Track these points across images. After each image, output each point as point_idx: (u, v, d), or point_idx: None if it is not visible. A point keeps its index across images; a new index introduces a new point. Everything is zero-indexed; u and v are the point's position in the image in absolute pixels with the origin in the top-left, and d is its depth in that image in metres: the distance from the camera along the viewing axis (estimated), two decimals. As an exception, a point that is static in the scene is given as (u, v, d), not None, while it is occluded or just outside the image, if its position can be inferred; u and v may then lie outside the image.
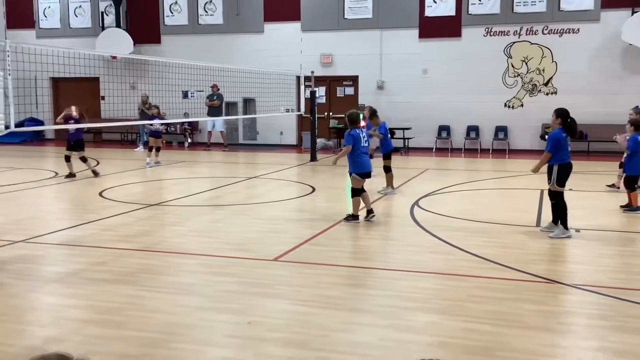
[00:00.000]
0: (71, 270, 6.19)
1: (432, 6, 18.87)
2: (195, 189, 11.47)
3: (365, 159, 8.45)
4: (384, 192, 10.79)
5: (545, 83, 18.33)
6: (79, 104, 21.47)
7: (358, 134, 8.38)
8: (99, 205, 9.67)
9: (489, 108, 18.64)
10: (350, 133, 8.40)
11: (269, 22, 20.29)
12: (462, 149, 18.92)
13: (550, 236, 7.56)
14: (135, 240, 7.36)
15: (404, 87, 19.23)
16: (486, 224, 8.30)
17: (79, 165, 12.93)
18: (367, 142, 8.53)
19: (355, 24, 19.53)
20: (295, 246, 7.05)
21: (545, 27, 18.09)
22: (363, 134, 8.48)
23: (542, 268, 6.27)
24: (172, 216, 8.99)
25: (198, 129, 21.36)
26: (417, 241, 7.43)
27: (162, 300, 5.24)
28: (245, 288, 5.56)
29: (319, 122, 17.53)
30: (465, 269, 6.17)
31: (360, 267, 6.31)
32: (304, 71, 18.11)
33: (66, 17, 22.32)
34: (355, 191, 8.44)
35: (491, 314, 4.88)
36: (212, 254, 6.73)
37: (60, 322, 4.82)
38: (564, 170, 7.53)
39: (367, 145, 8.54)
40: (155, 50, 20.85)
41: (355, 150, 8.37)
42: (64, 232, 7.87)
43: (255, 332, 4.54)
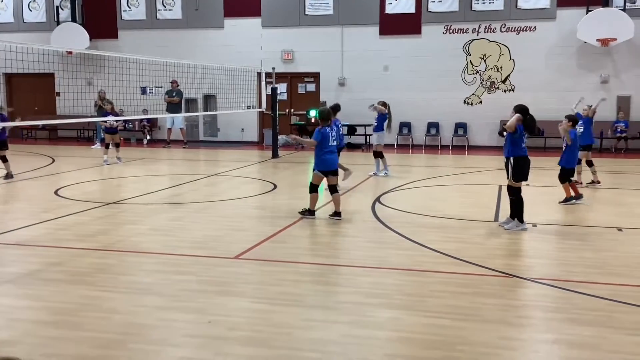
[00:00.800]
0: (25, 270, 6.02)
1: (392, 3, 18.99)
2: (154, 186, 11.29)
3: (331, 157, 8.44)
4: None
5: (503, 80, 18.64)
6: (33, 100, 20.93)
7: (327, 133, 8.36)
8: (55, 204, 9.44)
9: (449, 105, 18.87)
10: (320, 130, 8.39)
11: (229, 18, 20.11)
12: (423, 145, 19.10)
13: (505, 228, 7.71)
14: (92, 240, 7.20)
15: (365, 84, 19.30)
16: (446, 220, 8.39)
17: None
18: (335, 141, 8.52)
19: (316, 21, 19.51)
20: (256, 244, 7.01)
21: (503, 25, 18.39)
22: (333, 132, 8.46)
23: (501, 262, 6.37)
24: (130, 215, 8.84)
25: (157, 126, 21.06)
26: (379, 237, 7.46)
27: (119, 301, 5.14)
28: (205, 287, 5.49)
29: (280, 119, 17.46)
30: (425, 264, 6.22)
31: (322, 264, 6.30)
32: (265, 67, 18.02)
33: (20, 11, 21.72)
34: (313, 187, 8.48)
35: (451, 309, 4.93)
36: (172, 253, 6.64)
37: (14, 324, 4.68)
38: (520, 163, 7.66)
39: (335, 144, 8.52)
40: (112, 46, 20.44)
41: (322, 147, 8.36)
42: (17, 231, 7.64)
43: (216, 331, 4.49)
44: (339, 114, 11.57)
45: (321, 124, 8.46)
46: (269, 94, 17.00)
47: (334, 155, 8.56)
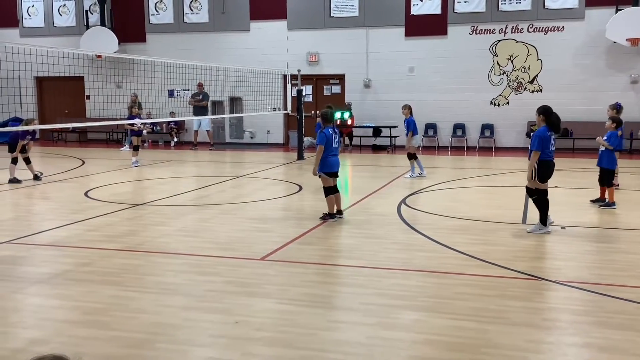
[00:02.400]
0: (56, 271, 6.14)
1: (418, 4, 18.93)
2: (181, 188, 11.42)
3: (334, 159, 8.44)
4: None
5: (530, 81, 18.44)
6: (63, 103, 21.37)
7: (330, 134, 8.36)
8: (85, 206, 9.60)
9: (475, 106, 18.74)
10: (323, 132, 8.38)
11: (255, 21, 20.24)
12: (449, 147, 18.99)
13: (528, 231, 7.63)
14: (120, 241, 7.31)
15: (390, 86, 19.26)
16: (472, 222, 8.33)
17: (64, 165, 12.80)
18: (337, 143, 8.53)
19: (341, 22, 19.54)
20: (281, 245, 7.04)
21: (531, 25, 18.20)
22: (336, 134, 8.48)
23: (527, 265, 6.31)
24: (158, 216, 8.95)
25: (184, 128, 21.27)
26: (404, 239, 7.44)
27: (147, 301, 5.21)
28: (231, 287, 5.54)
29: (305, 121, 17.52)
30: (451, 266, 6.20)
31: (346, 265, 6.31)
32: (291, 70, 18.09)
33: (50, 15, 22.13)
34: (327, 190, 8.46)
35: (476, 311, 4.90)
36: (198, 254, 6.71)
37: (45, 323, 4.78)
38: (544, 167, 7.58)
39: (337, 146, 8.52)
40: (140, 49, 20.73)
41: (328, 149, 8.35)
42: (49, 232, 7.80)
43: (242, 332, 4.53)
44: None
45: (324, 125, 8.42)
46: (295, 96, 17.07)
47: (337, 157, 8.55)
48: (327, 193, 8.45)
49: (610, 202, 9.25)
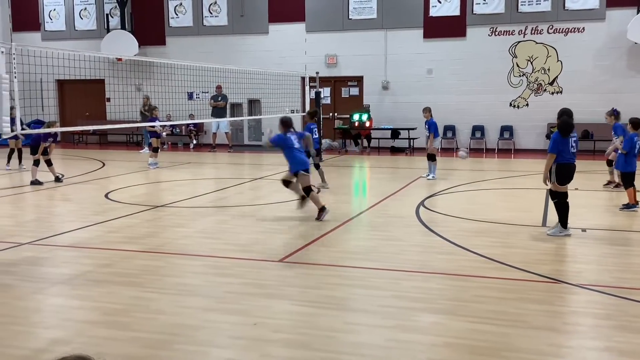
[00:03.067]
0: (77, 271, 6.21)
1: (436, 6, 18.87)
2: (200, 190, 11.49)
3: (301, 157, 8.80)
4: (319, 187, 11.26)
5: (550, 82, 18.29)
6: (84, 106, 21.63)
7: (289, 138, 8.82)
8: (105, 207, 9.70)
9: (494, 108, 18.63)
10: (278, 135, 8.97)
11: (273, 23, 20.32)
12: (468, 148, 18.87)
13: (548, 233, 7.57)
14: (140, 242, 7.38)
15: (408, 87, 19.22)
16: (491, 224, 8.28)
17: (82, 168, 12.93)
18: (299, 143, 8.92)
19: (359, 25, 19.53)
20: (300, 247, 7.06)
21: (551, 27, 18.05)
22: (293, 136, 8.89)
23: (547, 268, 6.25)
24: (177, 217, 9.01)
25: (203, 131, 21.40)
26: (423, 241, 7.42)
27: (167, 302, 5.26)
28: (250, 289, 5.57)
29: (323, 123, 17.54)
30: (470, 269, 6.17)
31: (365, 267, 6.31)
32: (309, 72, 18.13)
33: (71, 19, 22.41)
34: (305, 189, 8.72)
35: (496, 314, 4.88)
36: (217, 255, 6.75)
37: (66, 323, 4.84)
38: (563, 170, 7.51)
39: (299, 145, 8.91)
40: (160, 52, 20.91)
41: (291, 149, 8.73)
42: (70, 234, 7.89)
43: (260, 333, 4.55)
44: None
45: (282, 129, 8.95)
46: (313, 98, 17.10)
47: (304, 155, 8.92)
48: (307, 192, 8.70)
49: (631, 204, 9.14)
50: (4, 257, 6.68)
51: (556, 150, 7.45)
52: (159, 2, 21.31)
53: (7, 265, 6.38)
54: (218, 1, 20.85)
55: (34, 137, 12.35)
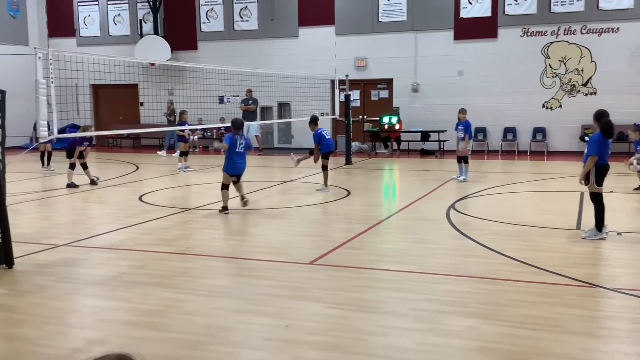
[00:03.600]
0: (112, 273, 6.32)
1: (467, 7, 18.73)
2: (230, 193, 11.57)
3: (238, 162, 9.42)
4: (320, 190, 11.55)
5: (584, 83, 18.00)
6: (118, 110, 21.98)
7: (235, 140, 9.32)
8: (139, 210, 9.85)
9: (527, 109, 18.40)
10: (228, 135, 9.58)
11: (303, 27, 20.40)
12: (499, 151, 18.70)
13: (583, 236, 7.45)
14: (173, 244, 7.48)
15: (439, 89, 19.10)
16: (524, 227, 8.19)
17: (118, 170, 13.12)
18: (242, 149, 9.44)
19: (389, 27, 19.49)
20: (330, 250, 7.07)
21: (584, 27, 17.77)
22: (241, 141, 9.39)
23: (582, 272, 6.16)
24: (209, 220, 9.11)
25: (234, 134, 21.53)
26: (454, 244, 7.37)
27: (200, 303, 5.32)
28: (281, 291, 5.60)
29: (353, 126, 17.54)
30: (503, 272, 6.10)
31: (396, 270, 6.29)
32: (339, 75, 18.15)
33: (105, 25, 22.81)
34: (223, 185, 9.46)
35: (530, 319, 4.82)
36: (248, 257, 6.80)
37: (102, 324, 4.93)
38: (603, 171, 7.40)
39: (242, 151, 9.43)
40: (191, 57, 21.15)
41: (231, 152, 9.33)
42: (105, 236, 8.04)
43: (292, 335, 4.57)
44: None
45: (233, 131, 9.42)
46: (342, 101, 17.11)
47: (243, 160, 9.51)
48: (222, 187, 9.46)
49: None
50: (41, 259, 6.83)
51: (599, 152, 7.32)
52: (191, 7, 21.58)
53: (44, 267, 6.52)
54: (249, 6, 21.02)
55: (69, 141, 12.60)
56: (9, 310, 5.23)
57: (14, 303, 5.42)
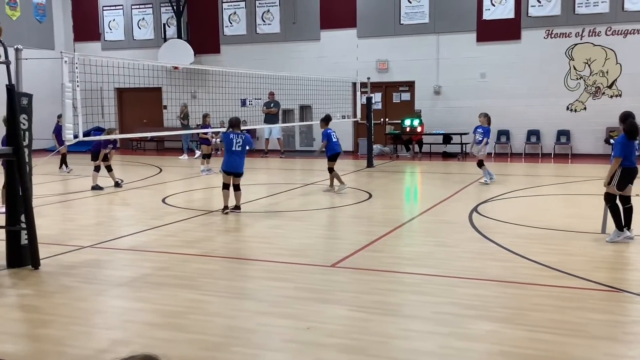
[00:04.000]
0: (137, 274, 6.40)
1: (490, 9, 18.61)
2: (252, 195, 11.64)
3: (234, 160, 9.54)
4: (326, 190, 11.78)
5: (609, 85, 17.77)
6: (142, 113, 22.20)
7: (231, 139, 9.48)
8: (162, 212, 9.95)
9: (551, 112, 18.21)
10: (224, 133, 9.74)
11: (325, 30, 20.43)
12: (522, 153, 18.53)
13: (607, 240, 7.36)
14: (196, 246, 7.54)
15: (461, 92, 19.00)
16: (548, 231, 8.10)
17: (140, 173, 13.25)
18: (240, 147, 9.54)
19: (411, 29, 19.44)
20: (352, 252, 7.07)
21: (609, 28, 17.55)
22: (237, 140, 9.50)
23: (608, 276, 6.08)
24: (231, 222, 9.16)
25: (256, 137, 21.66)
26: (477, 248, 7.32)
27: (222, 305, 5.36)
28: (303, 293, 5.61)
29: (375, 128, 17.52)
30: (526, 276, 6.05)
31: (418, 273, 6.27)
32: (360, 77, 18.14)
33: (130, 29, 23.08)
34: (223, 185, 9.64)
35: (554, 323, 4.77)
36: (270, 260, 6.83)
37: (127, 325, 4.99)
38: (628, 173, 7.31)
39: (239, 149, 9.54)
40: (214, 60, 21.30)
41: (227, 150, 9.55)
42: (129, 237, 8.13)
43: (314, 338, 4.58)
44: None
45: (228, 129, 9.62)
46: (364, 104, 17.10)
47: (239, 159, 9.60)
48: (223, 187, 9.64)
49: None
50: (66, 260, 6.94)
51: (623, 154, 7.25)
52: (213, 11, 21.74)
53: (70, 268, 6.62)
54: (271, 9, 21.12)
55: (94, 143, 12.76)
56: (35, 311, 5.32)
57: (40, 304, 5.51)
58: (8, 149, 6.51)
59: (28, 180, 6.57)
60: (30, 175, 6.76)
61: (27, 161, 6.59)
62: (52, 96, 19.52)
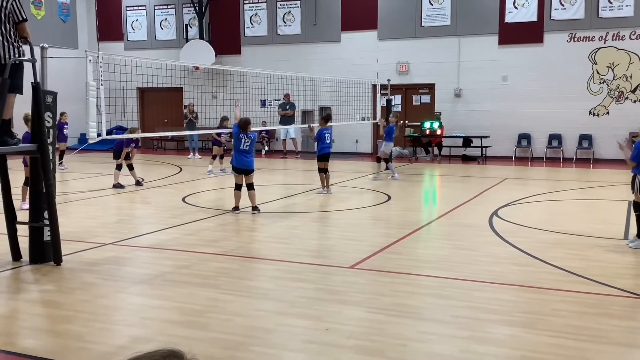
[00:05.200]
0: (157, 272, 6.45)
1: (512, 12, 18.48)
2: (270, 196, 11.67)
3: (242, 158, 9.60)
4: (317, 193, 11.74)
5: (632, 90, 17.56)
6: (163, 113, 22.37)
7: (240, 139, 9.57)
8: (182, 211, 10.01)
9: (573, 116, 18.04)
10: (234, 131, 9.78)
11: (345, 32, 20.44)
12: (544, 157, 18.38)
13: (630, 246, 7.27)
14: (216, 245, 7.58)
15: (482, 95, 18.89)
16: (569, 236, 8.03)
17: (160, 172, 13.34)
18: (248, 146, 9.63)
19: (432, 32, 19.38)
20: (371, 254, 7.07)
21: (633, 32, 17.34)
22: (245, 140, 9.58)
23: (630, 282, 6.01)
24: (250, 222, 9.20)
25: (275, 137, 21.74)
26: (497, 252, 7.27)
27: (242, 304, 5.38)
28: (321, 294, 5.62)
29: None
30: (547, 281, 6.00)
31: (437, 276, 6.24)
32: (380, 79, 18.12)
33: (152, 29, 23.28)
34: (235, 185, 9.77)
35: (575, 329, 4.73)
36: (289, 260, 6.84)
37: (147, 322, 5.03)
38: None
39: (247, 148, 9.61)
40: (235, 61, 21.40)
41: (236, 148, 9.66)
42: (149, 235, 8.20)
43: (333, 339, 4.58)
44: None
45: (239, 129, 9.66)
46: (384, 106, 17.07)
47: (247, 158, 9.64)
48: (235, 188, 9.75)
49: None
50: (88, 257, 7.01)
51: (637, 160, 7.18)
52: (235, 12, 21.85)
53: (91, 265, 6.69)
54: (292, 11, 21.18)
55: (116, 142, 12.89)
56: (58, 307, 5.39)
57: (62, 300, 5.58)
58: (33, 146, 6.60)
59: (52, 177, 6.65)
60: (54, 172, 6.85)
61: (51, 158, 6.67)
62: (75, 95, 19.74)
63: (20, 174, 9.88)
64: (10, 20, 6.33)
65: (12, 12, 6.31)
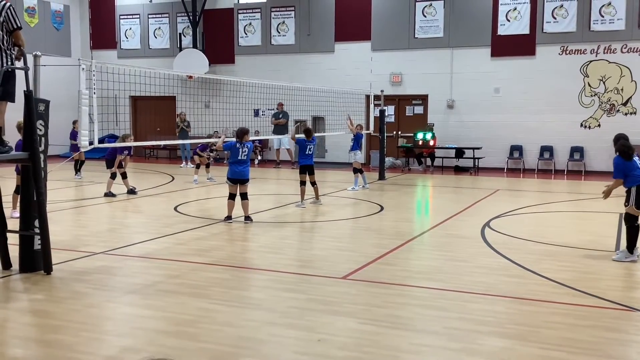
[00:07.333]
0: (148, 282, 6.41)
1: (505, 25, 18.61)
2: (263, 205, 11.64)
3: (238, 169, 9.65)
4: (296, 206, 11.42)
5: (624, 103, 17.68)
6: (155, 121, 22.32)
7: (237, 148, 9.62)
8: (174, 220, 9.97)
9: (564, 128, 18.14)
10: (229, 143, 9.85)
11: (339, 42, 20.51)
12: (535, 169, 18.45)
13: (613, 258, 7.30)
14: (208, 255, 7.54)
15: (474, 106, 18.98)
16: (560, 247, 8.04)
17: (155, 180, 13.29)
18: (245, 156, 9.70)
19: (425, 43, 19.47)
20: (363, 265, 7.05)
21: (624, 46, 17.49)
22: (243, 149, 9.66)
23: (620, 294, 6.02)
24: (242, 232, 9.17)
25: (268, 147, 21.73)
26: (488, 263, 7.28)
27: (233, 314, 5.35)
28: (313, 305, 5.59)
29: (387, 141, 17.50)
30: (539, 293, 6.00)
31: (429, 287, 6.24)
32: (374, 90, 18.17)
33: (146, 38, 23.28)
34: (229, 195, 9.74)
35: (567, 341, 4.72)
36: (281, 270, 6.82)
37: (137, 332, 4.99)
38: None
39: (244, 158, 9.68)
40: (229, 70, 21.42)
41: (232, 159, 9.65)
42: (141, 245, 8.16)
43: (325, 350, 4.56)
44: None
45: (237, 139, 9.73)
46: (377, 116, 17.11)
47: (242, 168, 9.70)
48: (229, 197, 9.73)
49: None
50: (78, 266, 6.96)
51: (622, 175, 7.31)
52: (229, 22, 21.90)
53: (82, 274, 6.64)
54: (286, 21, 21.24)
55: (109, 151, 12.84)
56: (47, 316, 5.34)
57: (51, 309, 5.53)
58: (24, 154, 6.56)
59: (43, 185, 6.61)
60: (45, 180, 6.81)
61: (43, 167, 6.63)
62: (67, 103, 19.71)
63: (11, 182, 9.82)
64: (4, 28, 6.32)
65: (6, 20, 6.30)
